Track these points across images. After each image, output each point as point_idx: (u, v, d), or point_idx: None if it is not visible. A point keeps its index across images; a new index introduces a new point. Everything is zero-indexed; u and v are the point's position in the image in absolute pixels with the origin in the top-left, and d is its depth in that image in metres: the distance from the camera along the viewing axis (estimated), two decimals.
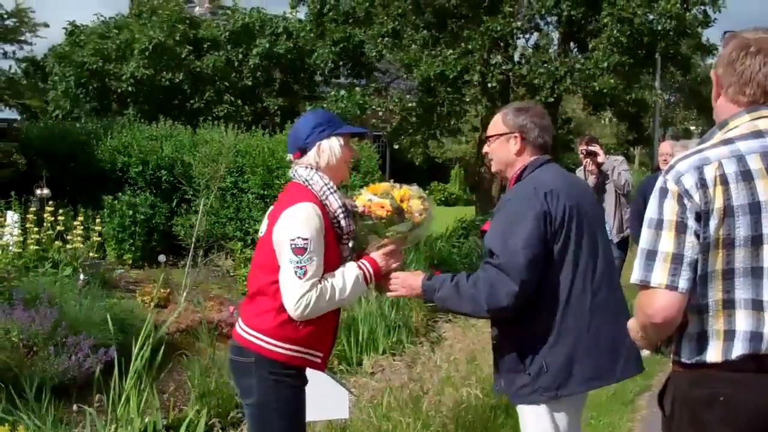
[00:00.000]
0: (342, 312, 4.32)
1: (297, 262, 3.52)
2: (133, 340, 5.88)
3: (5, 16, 17.16)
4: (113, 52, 21.31)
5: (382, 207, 3.72)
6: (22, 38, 20.24)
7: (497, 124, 3.97)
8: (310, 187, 3.70)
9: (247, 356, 3.68)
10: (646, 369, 3.99)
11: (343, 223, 3.69)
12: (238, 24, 23.99)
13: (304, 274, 3.53)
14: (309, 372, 3.85)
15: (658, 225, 2.63)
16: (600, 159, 9.06)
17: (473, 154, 27.88)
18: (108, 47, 21.35)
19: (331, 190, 3.69)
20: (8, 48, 18.33)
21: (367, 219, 3.74)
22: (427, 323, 10.13)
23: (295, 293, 3.53)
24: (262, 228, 3.77)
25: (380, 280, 3.85)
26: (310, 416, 3.94)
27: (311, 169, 3.74)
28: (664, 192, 2.64)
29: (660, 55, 20.16)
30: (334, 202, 3.67)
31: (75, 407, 5.92)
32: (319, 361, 3.80)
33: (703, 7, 17.57)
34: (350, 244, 3.84)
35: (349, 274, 3.68)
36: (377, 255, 3.80)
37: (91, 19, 24.65)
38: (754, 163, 2.59)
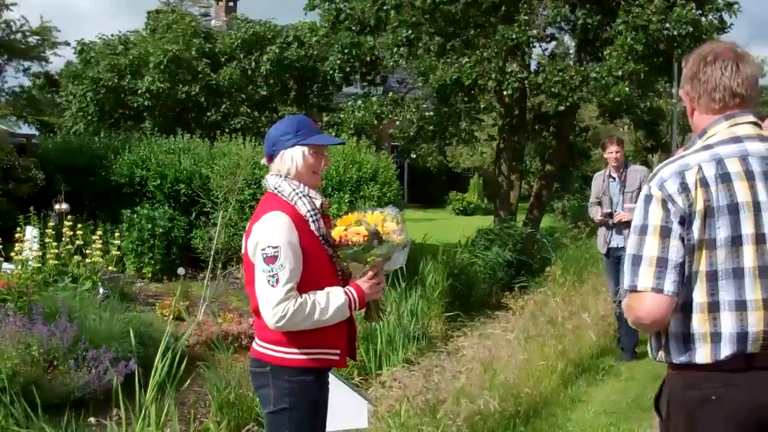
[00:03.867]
0: (361, 322, 4.31)
1: (268, 271, 3.53)
2: (152, 352, 5.89)
3: (28, 34, 17.32)
4: (126, 68, 21.39)
5: (358, 234, 3.71)
6: (43, 54, 20.35)
7: None
8: (280, 194, 3.71)
9: (262, 367, 3.72)
10: None
11: (312, 227, 3.67)
12: (250, 32, 24.12)
13: (277, 282, 3.53)
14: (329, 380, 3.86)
15: (643, 230, 2.74)
16: None
17: (491, 162, 27.79)
18: (121, 63, 21.44)
19: (300, 195, 3.69)
20: (28, 64, 18.51)
21: (345, 248, 3.73)
22: (445, 333, 10.13)
23: (270, 302, 3.54)
24: (243, 245, 3.78)
25: (366, 306, 3.85)
26: (329, 426, 3.94)
27: (279, 176, 3.75)
28: (648, 198, 2.76)
29: (677, 63, 20.06)
30: (302, 207, 3.67)
31: (94, 420, 5.94)
32: (337, 358, 3.80)
33: (718, 13, 17.48)
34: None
35: (334, 296, 3.66)
36: (362, 282, 3.78)
37: (95, 39, 24.60)
38: (733, 167, 2.71)
